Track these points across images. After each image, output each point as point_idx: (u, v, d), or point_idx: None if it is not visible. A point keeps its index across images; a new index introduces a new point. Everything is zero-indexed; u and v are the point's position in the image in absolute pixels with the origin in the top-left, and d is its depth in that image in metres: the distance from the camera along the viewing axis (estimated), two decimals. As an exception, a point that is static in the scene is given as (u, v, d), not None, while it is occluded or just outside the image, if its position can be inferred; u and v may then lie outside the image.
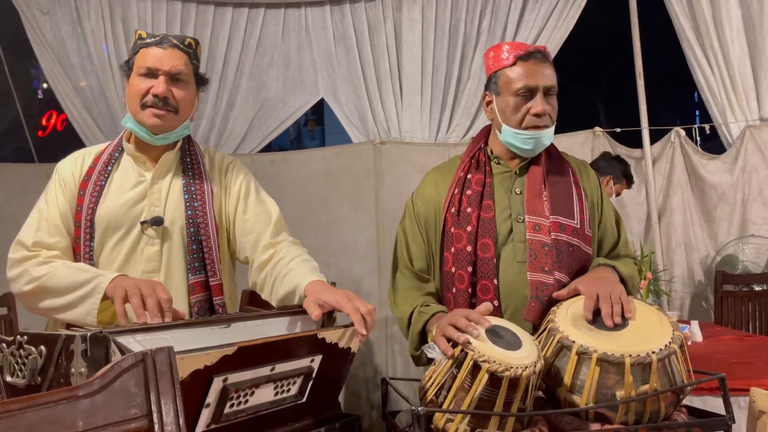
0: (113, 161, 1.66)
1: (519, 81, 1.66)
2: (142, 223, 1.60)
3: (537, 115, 1.65)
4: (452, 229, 1.68)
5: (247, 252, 1.68)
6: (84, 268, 1.53)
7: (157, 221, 1.61)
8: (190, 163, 1.70)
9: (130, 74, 1.64)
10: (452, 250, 1.66)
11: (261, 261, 1.64)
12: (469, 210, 1.67)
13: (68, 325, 1.33)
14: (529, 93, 1.66)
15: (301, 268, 1.55)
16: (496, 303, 1.59)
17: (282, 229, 1.72)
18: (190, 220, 1.63)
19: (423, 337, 1.60)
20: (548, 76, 1.67)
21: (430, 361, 1.41)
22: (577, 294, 1.49)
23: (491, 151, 1.76)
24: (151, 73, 1.60)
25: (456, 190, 1.71)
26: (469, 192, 1.69)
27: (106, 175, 1.63)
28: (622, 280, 1.58)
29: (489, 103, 1.74)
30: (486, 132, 1.81)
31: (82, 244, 1.58)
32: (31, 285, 1.52)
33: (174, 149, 1.69)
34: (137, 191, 1.63)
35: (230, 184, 1.73)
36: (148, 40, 1.63)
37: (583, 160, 1.85)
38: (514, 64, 1.67)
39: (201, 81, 1.71)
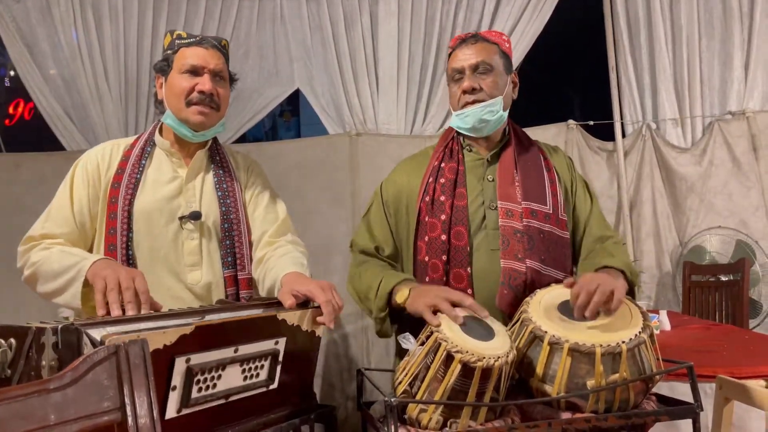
0: (146, 155, 1.69)
1: (450, 67, 1.73)
2: (181, 218, 1.63)
3: (465, 92, 1.69)
4: (426, 218, 1.68)
5: (252, 248, 1.72)
6: (74, 252, 1.53)
7: (196, 216, 1.64)
8: (220, 162, 1.75)
9: (168, 72, 1.67)
10: (426, 239, 1.67)
11: (259, 257, 1.69)
12: (443, 198, 1.67)
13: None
14: (459, 76, 1.71)
15: (285, 262, 1.58)
16: (469, 291, 1.61)
17: (287, 230, 1.76)
18: (224, 217, 1.67)
19: (390, 298, 1.59)
20: (475, 54, 1.69)
21: (401, 329, 1.42)
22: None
23: (464, 140, 1.78)
24: (195, 71, 1.64)
25: (430, 179, 1.71)
26: (442, 180, 1.70)
27: (140, 169, 1.66)
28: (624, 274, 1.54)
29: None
30: None
31: (119, 234, 1.59)
32: (29, 270, 1.55)
33: (205, 148, 1.73)
34: (173, 187, 1.67)
35: (249, 183, 1.78)
36: (188, 40, 1.68)
37: (554, 146, 1.86)
38: (451, 54, 1.74)
39: (232, 80, 1.76)
